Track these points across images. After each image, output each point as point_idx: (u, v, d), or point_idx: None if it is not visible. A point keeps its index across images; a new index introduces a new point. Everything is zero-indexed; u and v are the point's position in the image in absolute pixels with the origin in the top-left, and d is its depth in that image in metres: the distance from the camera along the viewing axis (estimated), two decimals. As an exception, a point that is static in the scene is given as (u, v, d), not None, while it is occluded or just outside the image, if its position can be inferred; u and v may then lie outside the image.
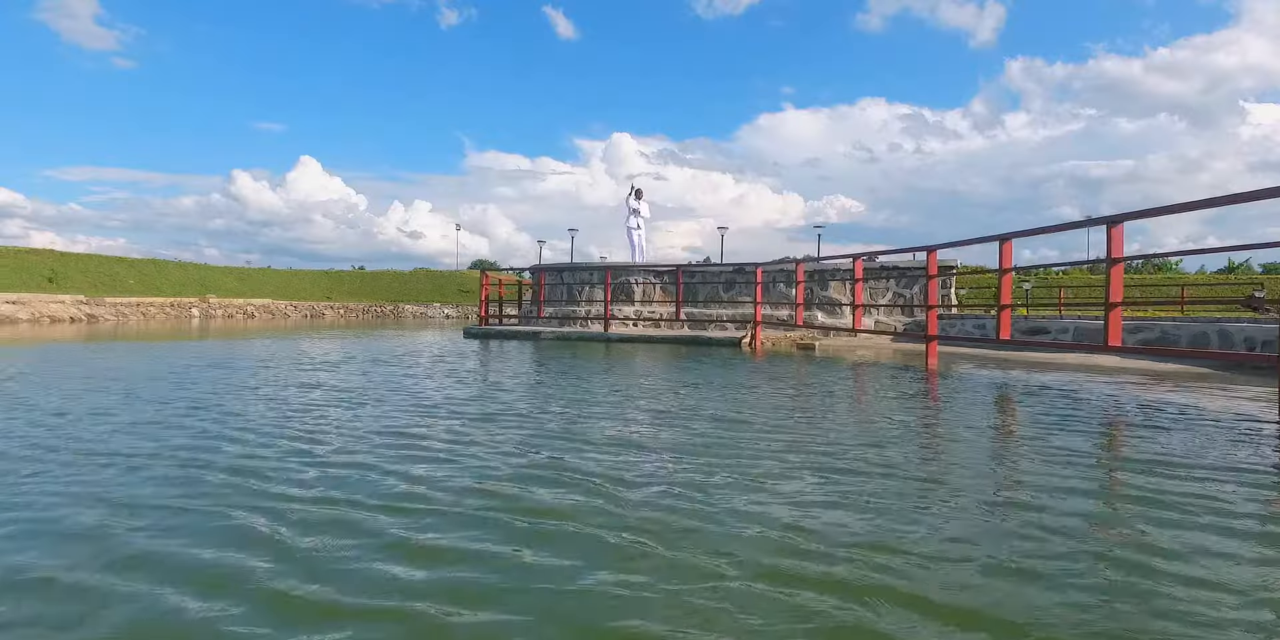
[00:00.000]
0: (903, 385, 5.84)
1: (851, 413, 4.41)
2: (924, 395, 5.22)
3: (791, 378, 6.55)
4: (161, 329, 19.66)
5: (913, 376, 6.50)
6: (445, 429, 3.67)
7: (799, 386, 5.82)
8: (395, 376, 6.24)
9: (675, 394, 5.16)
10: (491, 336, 13.22)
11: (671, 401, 4.77)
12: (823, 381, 6.20)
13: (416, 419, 4.00)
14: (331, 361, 7.91)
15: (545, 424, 3.90)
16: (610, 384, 5.92)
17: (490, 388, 5.58)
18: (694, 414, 4.22)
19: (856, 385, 5.93)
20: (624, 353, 10.22)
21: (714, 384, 5.89)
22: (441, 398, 4.77)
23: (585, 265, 14.41)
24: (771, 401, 4.82)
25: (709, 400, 4.82)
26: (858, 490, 2.47)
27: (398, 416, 4.08)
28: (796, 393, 5.38)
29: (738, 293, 13.25)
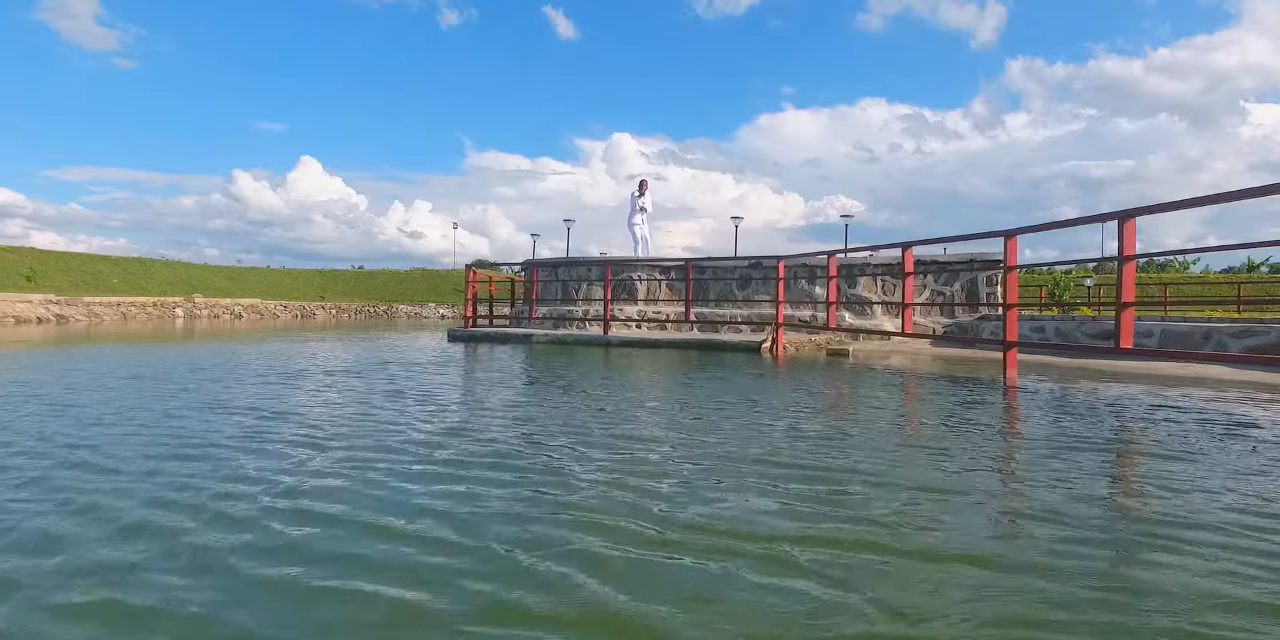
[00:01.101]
0: (993, 407, 4.41)
1: (979, 469, 2.97)
2: (1045, 425, 3.77)
3: (837, 396, 5.11)
4: (134, 330, 18.25)
5: (991, 392, 5.07)
6: (393, 505, 2.25)
7: (858, 412, 4.38)
8: (352, 397, 4.83)
9: (693, 432, 3.72)
10: (478, 340, 11.79)
11: (691, 442, 3.34)
12: (885, 403, 4.76)
13: (351, 475, 2.58)
14: (289, 372, 6.49)
15: (526, 488, 2.48)
16: (610, 408, 4.49)
17: (466, 415, 4.17)
18: (728, 468, 2.79)
19: (937, 411, 4.48)
20: (626, 359, 8.79)
21: (737, 406, 4.46)
22: (398, 440, 3.35)
23: (583, 260, 13.00)
24: (837, 444, 3.38)
25: (738, 438, 3.39)
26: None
27: (330, 470, 2.66)
28: (859, 422, 3.94)
29: (753, 290, 11.81)
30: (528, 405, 4.51)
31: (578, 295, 12.54)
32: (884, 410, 4.40)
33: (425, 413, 4.08)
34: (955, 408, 4.40)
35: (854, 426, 3.74)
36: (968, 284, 10.77)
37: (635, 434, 3.51)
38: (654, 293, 12.33)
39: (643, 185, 13.53)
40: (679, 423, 3.86)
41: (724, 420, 3.91)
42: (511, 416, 4.02)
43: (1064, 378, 6.18)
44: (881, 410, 4.40)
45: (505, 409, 4.33)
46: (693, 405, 4.55)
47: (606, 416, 4.04)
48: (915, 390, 5.46)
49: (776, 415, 4.09)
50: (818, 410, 4.37)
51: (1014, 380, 5.77)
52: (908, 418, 4.08)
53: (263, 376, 6.02)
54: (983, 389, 5.38)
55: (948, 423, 3.85)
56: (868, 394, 5.26)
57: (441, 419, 3.89)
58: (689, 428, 3.67)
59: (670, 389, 5.55)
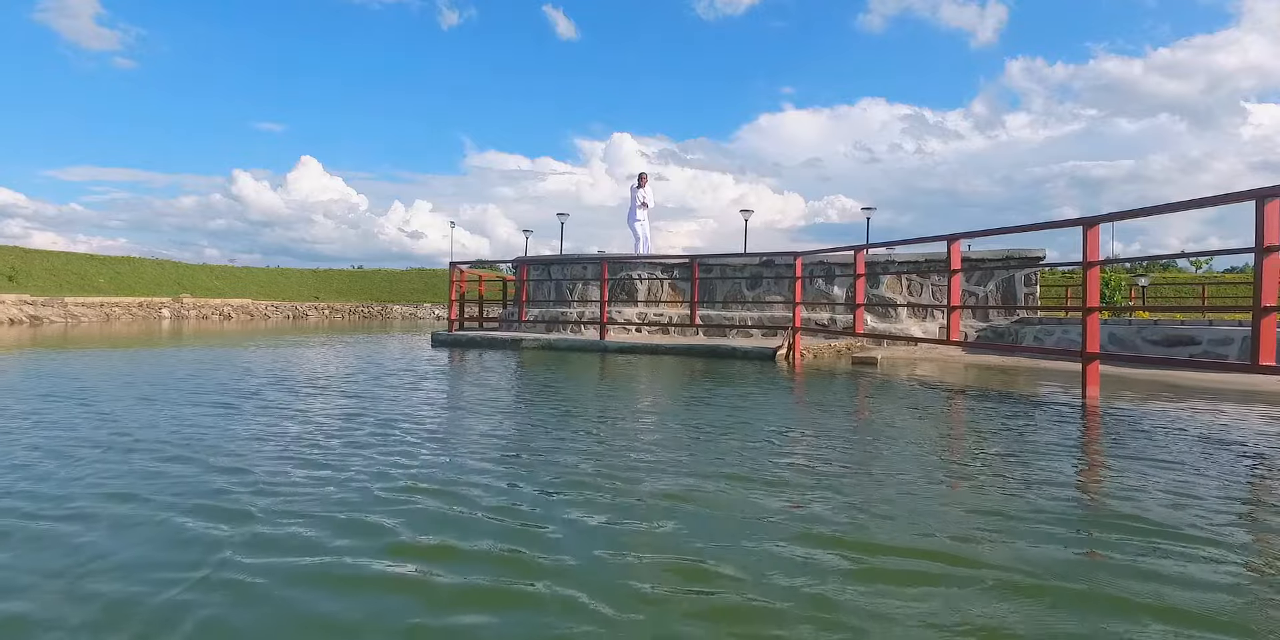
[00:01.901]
0: (1114, 447, 3.35)
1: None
2: (1214, 485, 2.71)
3: (885, 428, 4.05)
4: (111, 332, 17.21)
5: (1079, 419, 4.01)
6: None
7: (925, 456, 3.32)
8: (291, 429, 3.79)
9: (713, 500, 2.68)
10: (462, 345, 10.75)
11: (712, 514, 2.29)
12: (952, 438, 3.70)
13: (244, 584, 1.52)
14: (237, 389, 5.45)
15: (508, 555, 1.42)
16: (605, 437, 3.45)
17: (436, 451, 3.14)
18: (764, 560, 1.74)
19: (1033, 451, 3.42)
20: (624, 369, 7.75)
21: (759, 445, 3.41)
22: (355, 492, 2.31)
23: (578, 257, 11.94)
24: (893, 502, 2.32)
25: (772, 511, 2.33)
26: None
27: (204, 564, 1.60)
28: (936, 476, 2.88)
29: (765, 290, 10.75)
30: (504, 444, 3.46)
31: (572, 296, 11.48)
32: (959, 452, 3.34)
33: (374, 458, 3.03)
34: (1053, 445, 3.33)
35: (932, 487, 2.68)
36: (1003, 284, 9.71)
37: (636, 504, 2.45)
38: (655, 293, 11.28)
39: (642, 179, 12.49)
40: (694, 469, 2.80)
41: (748, 466, 2.86)
42: (482, 465, 2.97)
43: (1150, 396, 5.12)
44: (955, 452, 3.34)
45: (477, 450, 3.28)
46: (703, 440, 3.50)
47: (600, 465, 2.99)
48: (978, 415, 4.40)
49: (817, 465, 3.03)
50: (868, 452, 3.31)
51: (1096, 400, 4.70)
52: (1002, 473, 3.02)
53: (200, 395, 4.97)
54: (1062, 413, 4.31)
55: (1062, 476, 2.79)
56: (923, 421, 4.20)
57: (393, 467, 2.85)
58: (706, 487, 2.62)
59: (675, 412, 4.50)
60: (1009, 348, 8.71)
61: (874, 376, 6.91)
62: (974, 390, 5.76)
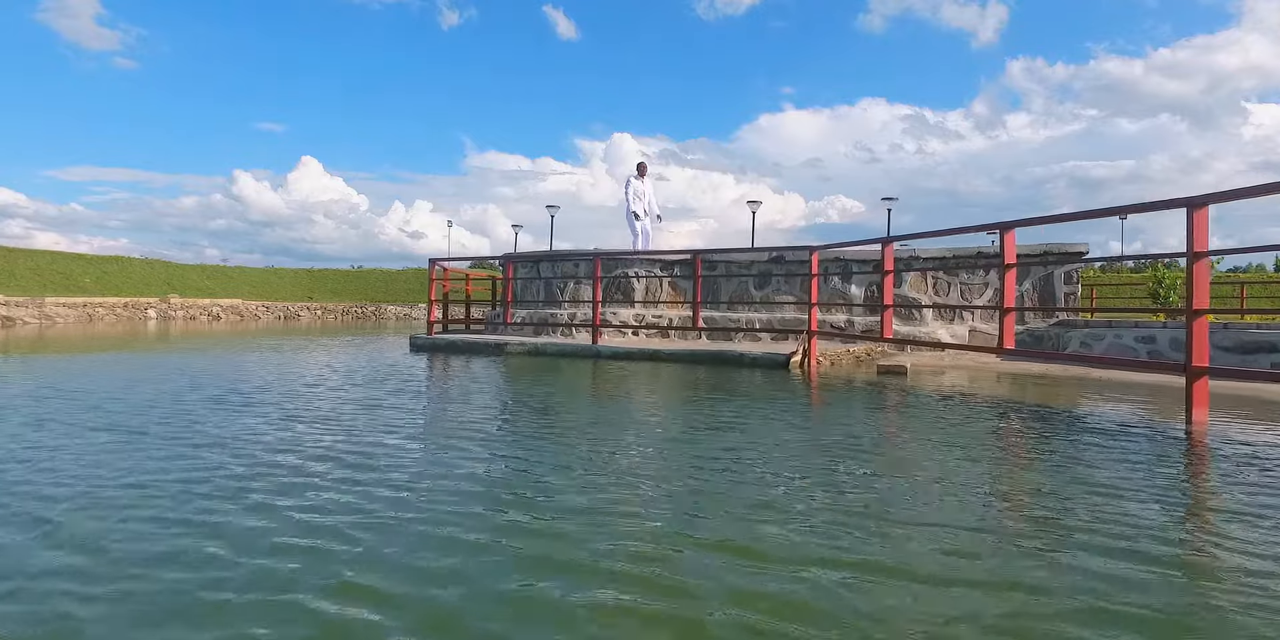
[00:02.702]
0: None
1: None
2: None
3: (941, 458, 3.07)
4: (87, 333, 16.26)
5: (1202, 456, 3.04)
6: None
7: (982, 487, 2.34)
8: (206, 464, 2.83)
9: (726, 571, 1.69)
10: (442, 349, 9.78)
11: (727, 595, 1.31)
12: (1029, 469, 2.72)
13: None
14: (169, 408, 4.49)
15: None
16: (595, 473, 2.48)
17: (398, 489, 2.16)
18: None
19: (1163, 502, 2.44)
20: (619, 380, 6.78)
21: (783, 470, 2.43)
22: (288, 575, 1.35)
23: (569, 253, 10.96)
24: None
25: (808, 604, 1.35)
26: None
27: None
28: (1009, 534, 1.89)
29: (775, 289, 9.77)
30: (475, 488, 2.48)
31: (563, 296, 10.51)
32: (1077, 521, 2.36)
33: (292, 531, 2.06)
34: (1225, 510, 2.36)
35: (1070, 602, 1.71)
36: (1040, 282, 8.73)
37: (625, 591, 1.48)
38: (654, 292, 10.30)
39: (641, 168, 11.50)
40: (704, 526, 1.83)
41: (782, 549, 1.88)
42: (451, 514, 1.99)
43: (1253, 416, 4.14)
44: (1077, 517, 2.36)
45: (439, 492, 2.30)
46: (711, 482, 2.52)
47: (588, 546, 2.01)
48: (1068, 450, 3.42)
49: (863, 537, 2.06)
50: (936, 518, 2.33)
51: (1205, 426, 3.72)
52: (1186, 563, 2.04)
53: (112, 416, 4.00)
54: (1179, 447, 3.33)
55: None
56: (1001, 466, 3.22)
57: (324, 533, 1.88)
58: (715, 553, 1.64)
59: (680, 444, 3.52)
60: (1048, 355, 7.73)
61: (905, 389, 5.93)
62: (1038, 409, 4.78)
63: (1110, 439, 3.56)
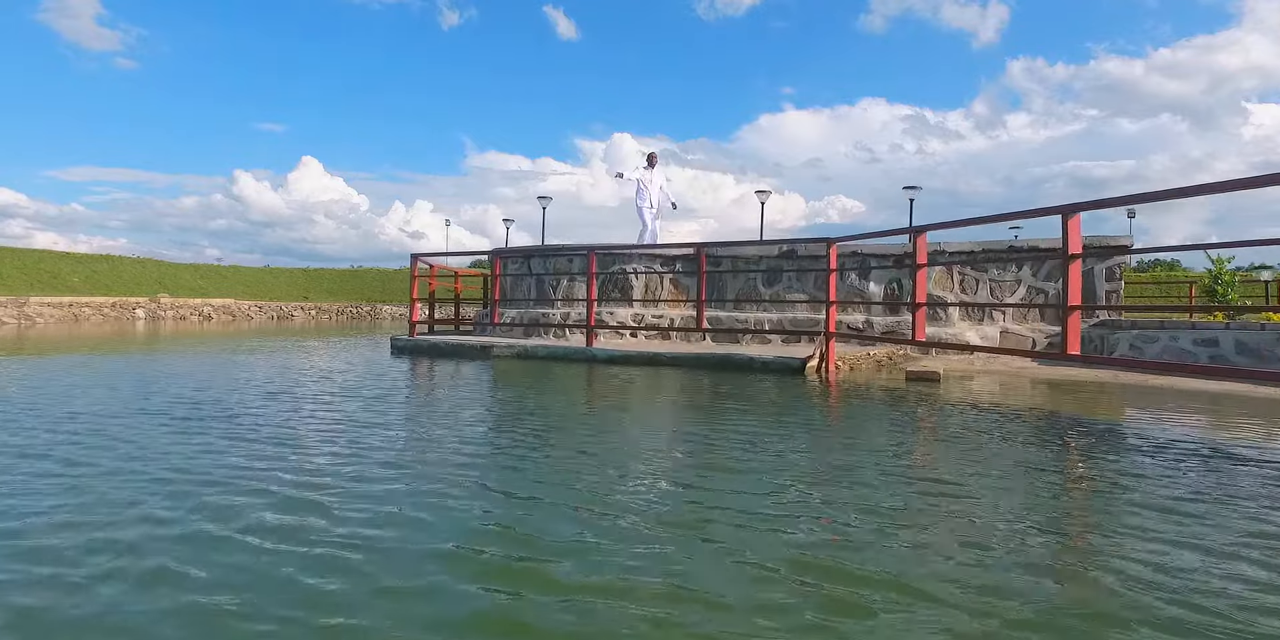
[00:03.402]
0: None
1: None
2: None
3: (1014, 505, 2.28)
4: (63, 334, 15.48)
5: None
6: None
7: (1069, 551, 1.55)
8: (122, 512, 2.07)
9: None
10: (423, 352, 9.00)
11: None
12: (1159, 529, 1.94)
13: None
14: (106, 424, 3.73)
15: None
16: (588, 535, 1.69)
17: (339, 546, 1.38)
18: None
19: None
20: (616, 388, 6.01)
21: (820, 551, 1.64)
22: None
23: (562, 248, 10.17)
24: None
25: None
26: None
27: None
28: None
29: (785, 287, 8.98)
30: (436, 545, 1.70)
31: (555, 294, 9.71)
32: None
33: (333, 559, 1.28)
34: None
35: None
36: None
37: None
38: (655, 290, 9.51)
39: (651, 159, 10.72)
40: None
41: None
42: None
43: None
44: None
45: (391, 551, 1.52)
46: (728, 536, 1.74)
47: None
48: (1166, 484, 2.63)
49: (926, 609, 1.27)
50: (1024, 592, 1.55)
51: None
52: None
53: (8, 436, 3.22)
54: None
55: None
56: (1109, 518, 2.44)
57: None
58: None
59: (689, 478, 2.74)
60: (1094, 359, 6.94)
61: (942, 401, 5.14)
62: (1110, 427, 3.99)
63: (1241, 466, 2.77)
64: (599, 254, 9.01)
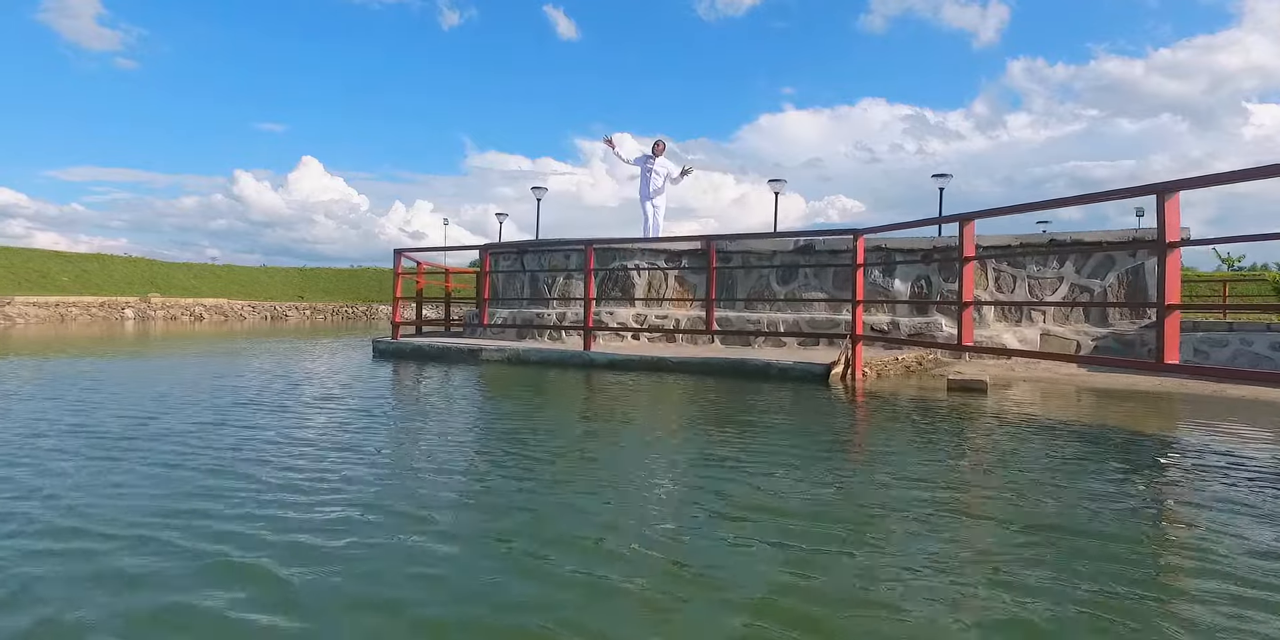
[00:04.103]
0: None
1: None
2: None
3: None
4: (42, 336, 14.76)
5: None
6: None
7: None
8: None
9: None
10: (406, 356, 8.25)
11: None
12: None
13: None
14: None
15: None
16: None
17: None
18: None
19: None
20: (615, 397, 5.26)
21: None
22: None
23: (557, 242, 9.40)
24: None
25: None
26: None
27: None
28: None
29: (802, 284, 8.23)
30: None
31: (550, 292, 8.96)
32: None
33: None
34: None
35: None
36: (1128, 275, 7.18)
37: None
38: (658, 288, 8.75)
39: (657, 146, 9.95)
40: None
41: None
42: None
43: None
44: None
45: None
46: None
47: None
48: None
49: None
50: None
51: None
52: None
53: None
54: None
55: None
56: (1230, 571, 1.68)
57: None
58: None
59: (706, 524, 1.99)
60: (1151, 365, 6.18)
61: (992, 415, 4.39)
62: (1232, 451, 3.23)
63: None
64: (598, 249, 8.26)
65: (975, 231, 5.14)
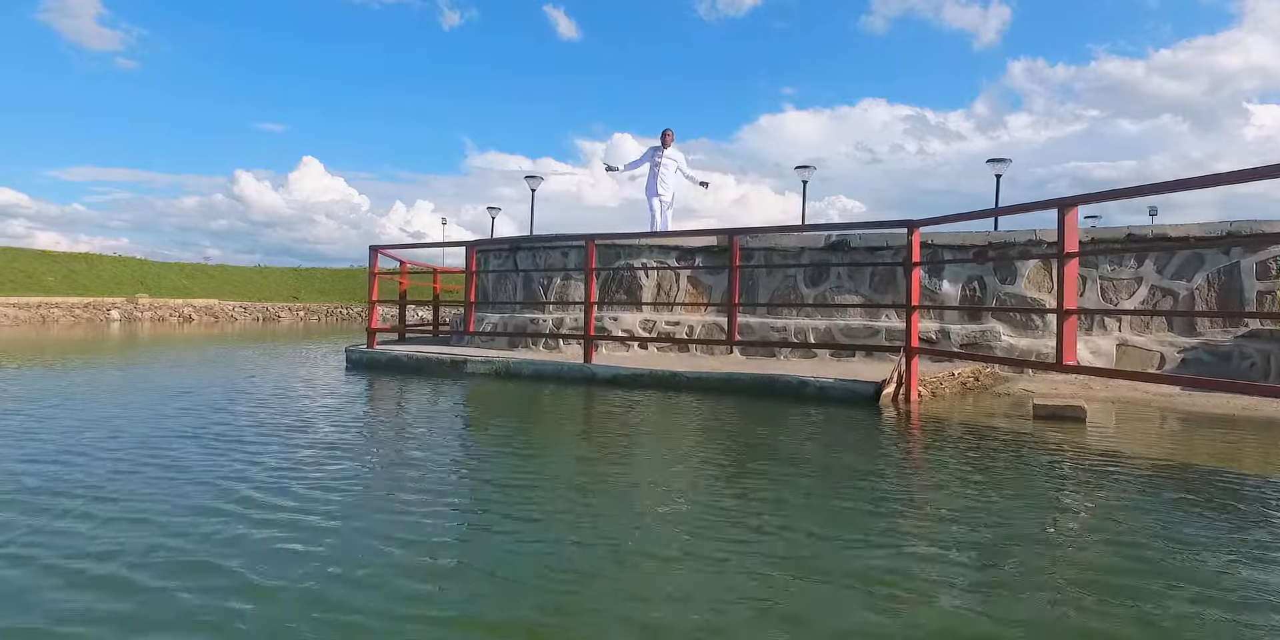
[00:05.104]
0: None
1: None
2: None
3: None
4: (24, 338, 13.74)
5: None
6: None
7: None
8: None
9: None
10: (382, 368, 7.23)
11: None
12: None
13: None
14: None
15: None
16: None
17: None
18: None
19: None
20: (620, 425, 4.23)
21: None
22: None
23: (555, 238, 8.35)
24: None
25: None
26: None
27: None
28: None
29: (834, 286, 7.19)
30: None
31: (546, 295, 7.91)
32: None
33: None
34: None
35: None
36: (1220, 276, 6.15)
37: None
38: (669, 291, 7.72)
39: (665, 137, 8.93)
40: None
41: None
42: None
43: None
44: None
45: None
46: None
47: None
48: None
49: None
50: None
51: None
52: None
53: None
54: None
55: None
56: None
57: None
58: None
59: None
60: (1262, 389, 5.15)
61: (1100, 453, 3.36)
62: None
63: None
64: (600, 245, 7.23)
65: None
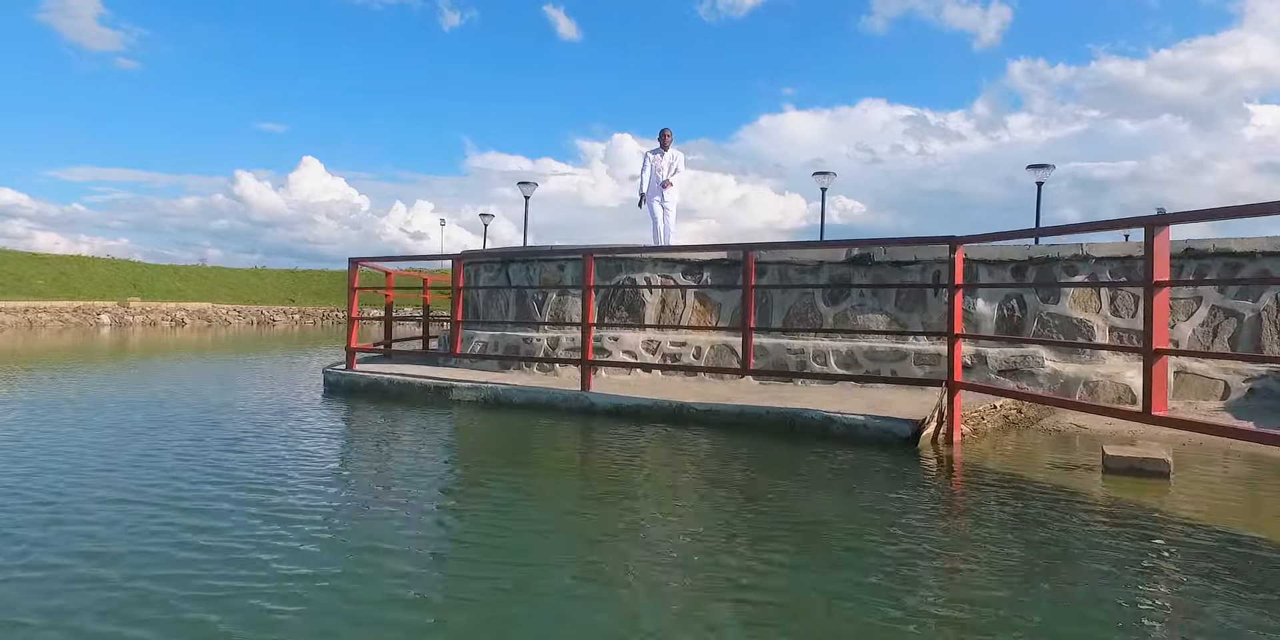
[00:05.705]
0: None
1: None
2: None
3: None
4: (11, 347, 13.10)
5: None
6: None
7: None
8: None
9: None
10: (361, 392, 6.60)
11: None
12: None
13: None
14: None
15: None
16: None
17: None
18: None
19: None
20: (621, 472, 3.60)
21: None
22: None
23: (551, 250, 7.71)
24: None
25: None
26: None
27: None
28: None
29: (856, 305, 6.56)
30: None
31: (541, 313, 7.27)
32: None
33: None
34: None
35: None
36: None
37: None
38: (675, 308, 7.09)
39: (663, 138, 8.33)
40: None
41: None
42: None
43: None
44: None
45: None
46: None
47: None
48: None
49: None
50: None
51: None
52: None
53: None
54: None
55: None
56: None
57: None
58: None
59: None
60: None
61: (1206, 529, 2.72)
62: None
63: None
64: (599, 259, 6.60)
65: (1168, 242, 3.48)
